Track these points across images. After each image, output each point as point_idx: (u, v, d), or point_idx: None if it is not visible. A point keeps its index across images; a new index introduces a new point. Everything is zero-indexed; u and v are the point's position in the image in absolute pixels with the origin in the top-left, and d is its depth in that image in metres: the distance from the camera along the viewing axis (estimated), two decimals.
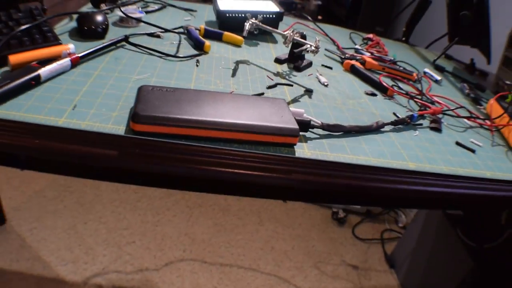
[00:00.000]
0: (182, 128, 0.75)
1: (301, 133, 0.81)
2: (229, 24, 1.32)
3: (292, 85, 1.05)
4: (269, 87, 1.01)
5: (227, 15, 1.31)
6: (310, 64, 1.18)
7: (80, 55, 0.95)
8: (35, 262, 1.78)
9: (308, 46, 1.05)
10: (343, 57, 1.31)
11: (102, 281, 1.73)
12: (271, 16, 1.33)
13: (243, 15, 1.28)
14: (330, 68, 1.22)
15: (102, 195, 2.28)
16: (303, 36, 1.12)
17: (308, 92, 1.04)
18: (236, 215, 2.37)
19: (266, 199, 2.44)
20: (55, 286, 1.69)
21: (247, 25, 1.13)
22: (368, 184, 0.80)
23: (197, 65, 1.05)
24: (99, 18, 1.12)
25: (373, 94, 1.11)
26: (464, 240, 1.64)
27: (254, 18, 1.16)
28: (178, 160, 0.74)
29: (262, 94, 0.97)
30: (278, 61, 1.15)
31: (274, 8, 1.38)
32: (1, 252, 1.79)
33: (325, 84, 1.10)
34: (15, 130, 0.72)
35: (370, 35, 1.57)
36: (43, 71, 0.85)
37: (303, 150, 0.81)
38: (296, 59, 1.16)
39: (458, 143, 0.96)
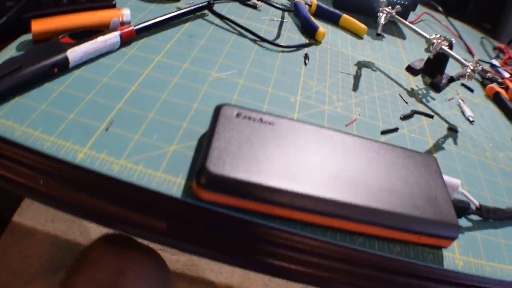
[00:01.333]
0: (280, 207, 0.40)
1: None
2: (348, 3, 0.91)
3: (432, 117, 0.66)
4: (404, 118, 0.63)
5: None
6: (450, 81, 0.78)
7: (136, 27, 0.59)
8: (73, 225, 1.47)
9: (467, 70, 0.64)
10: (483, 75, 0.89)
11: None
12: (404, 2, 0.91)
13: None
14: (472, 91, 0.81)
15: None
16: (451, 46, 0.71)
17: (453, 132, 0.64)
18: None
19: None
20: None
21: (382, 18, 0.73)
22: None
23: (305, 63, 0.67)
24: None
25: None
26: None
27: (389, 7, 0.76)
28: (265, 253, 0.41)
29: (396, 130, 0.59)
30: (411, 70, 0.76)
31: None
32: (36, 208, 1.48)
33: (471, 119, 0.70)
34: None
35: (501, 45, 1.17)
36: (73, 52, 0.50)
37: (453, 255, 0.46)
38: (434, 72, 0.76)
39: None
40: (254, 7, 0.79)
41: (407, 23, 0.75)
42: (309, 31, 0.75)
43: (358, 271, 0.41)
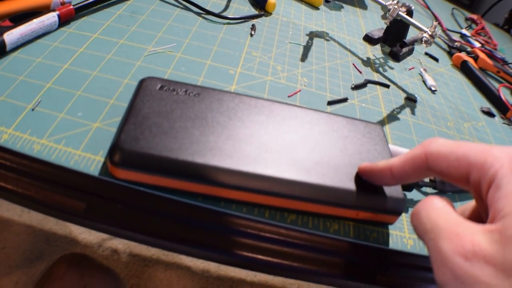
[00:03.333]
0: (199, 184, 0.36)
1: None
2: None
3: (388, 86, 0.63)
4: (355, 87, 0.60)
5: None
6: (411, 51, 0.75)
7: (75, 6, 0.56)
8: (48, 215, 1.44)
9: (424, 35, 0.61)
10: (450, 45, 0.86)
11: (118, 245, 1.40)
12: None
13: None
14: (436, 60, 0.78)
15: None
16: (410, 12, 0.68)
17: (411, 101, 0.62)
18: None
19: None
20: (66, 245, 1.37)
21: None
22: None
23: (251, 35, 0.64)
24: None
25: (491, 114, 0.69)
26: None
27: None
28: (184, 234, 0.38)
29: (345, 100, 0.56)
30: (368, 39, 0.73)
31: None
32: None
33: (433, 89, 0.68)
34: None
35: (474, 16, 1.16)
36: (10, 35, 0.49)
37: (401, 234, 0.43)
38: (393, 41, 0.73)
39: None
40: None
41: None
42: (260, 3, 0.72)
43: (289, 252, 0.38)
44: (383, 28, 0.77)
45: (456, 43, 0.87)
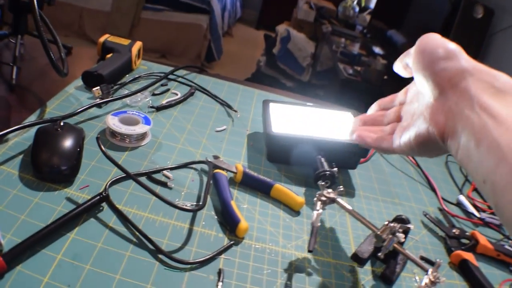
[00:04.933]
0: None
1: None
2: (284, 156, 0.80)
3: None
4: None
5: (283, 143, 0.79)
6: (404, 265, 0.66)
7: (6, 257, 0.48)
8: None
9: (424, 280, 0.53)
10: (448, 234, 0.77)
11: None
12: (349, 151, 0.80)
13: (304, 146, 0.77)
14: (432, 263, 0.69)
15: None
16: (406, 230, 0.60)
17: None
18: None
19: None
20: None
21: (315, 227, 0.61)
22: None
23: (217, 286, 0.53)
24: (67, 142, 0.61)
25: None
26: None
27: (329, 191, 0.64)
28: None
29: None
30: (357, 260, 0.64)
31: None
32: None
33: None
34: None
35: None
36: None
37: None
38: (386, 257, 0.64)
39: None
40: (165, 184, 0.66)
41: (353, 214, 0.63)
42: (229, 224, 0.62)
43: None
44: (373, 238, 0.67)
45: (454, 231, 0.78)
